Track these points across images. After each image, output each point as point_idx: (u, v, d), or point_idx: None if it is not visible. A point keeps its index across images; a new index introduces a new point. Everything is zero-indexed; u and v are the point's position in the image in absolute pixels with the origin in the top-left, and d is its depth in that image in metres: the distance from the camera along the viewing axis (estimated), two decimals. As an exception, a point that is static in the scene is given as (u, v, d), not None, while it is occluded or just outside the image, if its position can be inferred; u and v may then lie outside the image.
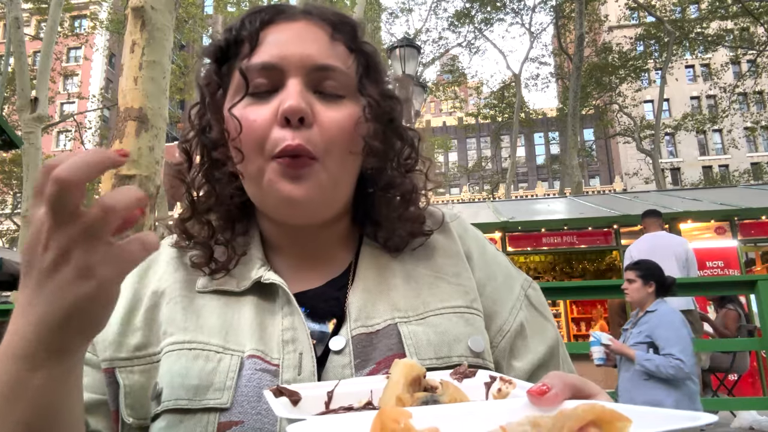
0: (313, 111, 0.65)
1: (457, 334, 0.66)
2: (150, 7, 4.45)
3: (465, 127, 35.34)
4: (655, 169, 21.92)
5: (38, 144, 10.71)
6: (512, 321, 0.71)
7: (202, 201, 0.73)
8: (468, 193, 43.23)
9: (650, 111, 34.38)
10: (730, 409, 5.29)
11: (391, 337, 0.65)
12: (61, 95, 33.93)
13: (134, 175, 4.36)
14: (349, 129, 0.67)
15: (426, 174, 0.77)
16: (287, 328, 0.65)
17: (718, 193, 10.83)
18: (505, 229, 8.94)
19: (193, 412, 0.60)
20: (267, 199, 0.67)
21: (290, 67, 0.66)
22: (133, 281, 0.72)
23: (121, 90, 4.50)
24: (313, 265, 0.74)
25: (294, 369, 0.62)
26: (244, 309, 0.68)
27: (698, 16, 23.91)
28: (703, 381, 5.42)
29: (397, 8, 28.79)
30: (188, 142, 0.73)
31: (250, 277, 0.69)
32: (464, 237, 0.78)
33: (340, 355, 0.64)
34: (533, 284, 0.78)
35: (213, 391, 0.61)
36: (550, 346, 0.72)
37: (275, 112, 0.65)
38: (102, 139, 26.01)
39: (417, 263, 0.73)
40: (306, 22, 0.69)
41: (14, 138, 8.12)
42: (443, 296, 0.69)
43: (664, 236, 5.34)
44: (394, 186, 0.73)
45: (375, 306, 0.68)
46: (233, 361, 0.63)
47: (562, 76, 27.12)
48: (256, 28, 0.68)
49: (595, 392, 0.42)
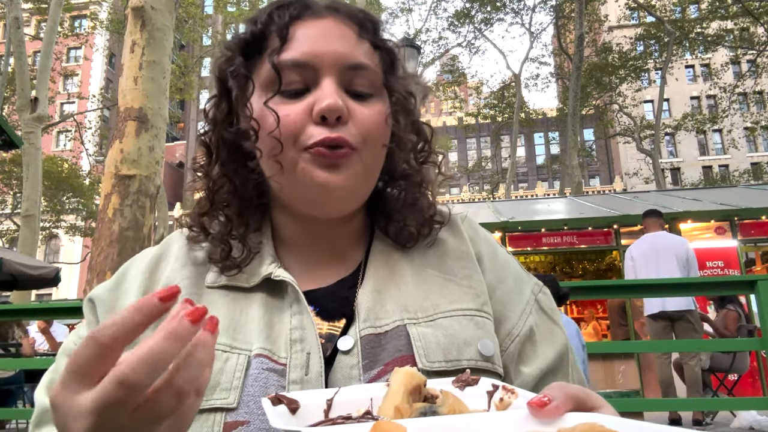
0: (348, 109, 0.66)
1: (467, 337, 0.65)
2: (150, 7, 4.45)
3: (465, 127, 35.27)
4: (655, 169, 21.91)
5: (38, 144, 10.71)
6: (522, 325, 0.71)
7: (220, 194, 0.72)
8: (468, 193, 43.22)
9: (650, 111, 34.37)
10: (730, 409, 5.29)
11: (400, 338, 0.64)
12: (61, 95, 33.93)
13: (134, 175, 4.36)
14: (381, 125, 0.68)
15: (439, 167, 0.78)
16: (295, 327, 0.65)
17: (718, 193, 10.82)
18: (505, 229, 8.93)
19: (200, 412, 0.59)
20: (299, 189, 0.67)
21: (323, 66, 0.66)
22: (143, 278, 0.72)
23: (121, 90, 4.50)
24: (324, 263, 0.73)
25: (301, 369, 0.62)
26: (252, 306, 0.67)
27: (698, 16, 23.89)
28: (703, 381, 5.42)
29: (397, 8, 28.80)
30: (207, 134, 0.73)
31: (260, 273, 0.69)
32: (475, 239, 0.77)
33: (348, 356, 0.63)
34: (544, 288, 0.77)
35: (220, 391, 0.60)
36: (559, 351, 0.71)
37: (308, 110, 0.65)
38: (102, 139, 26.01)
39: (427, 265, 0.72)
40: (333, 19, 0.69)
41: (14, 138, 8.12)
42: (453, 298, 0.69)
43: (664, 236, 5.34)
44: (406, 177, 0.74)
45: (384, 306, 0.67)
46: (240, 360, 0.62)
47: (562, 76, 27.11)
48: (286, 23, 0.68)
49: (599, 405, 0.41)
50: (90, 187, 25.31)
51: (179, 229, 0.77)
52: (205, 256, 0.72)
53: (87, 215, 25.59)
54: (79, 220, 26.82)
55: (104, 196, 4.36)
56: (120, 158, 4.34)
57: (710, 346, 5.34)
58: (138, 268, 0.73)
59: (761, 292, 2.84)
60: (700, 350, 5.32)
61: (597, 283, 4.40)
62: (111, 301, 0.71)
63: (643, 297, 4.99)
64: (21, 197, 12.26)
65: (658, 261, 5.18)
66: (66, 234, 27.09)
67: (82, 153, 27.66)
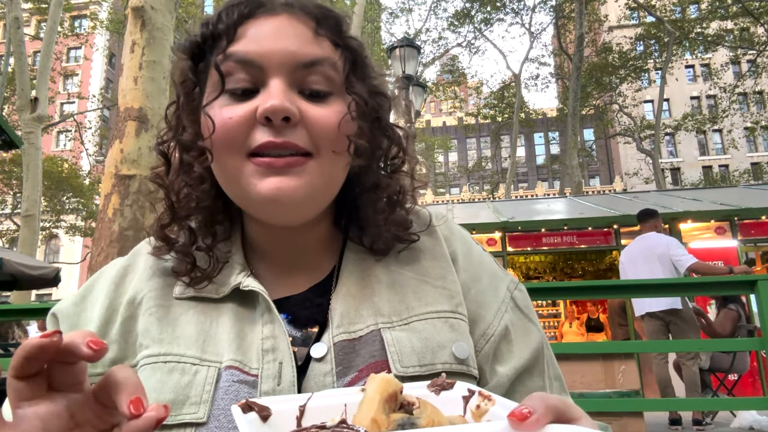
0: (299, 109, 0.62)
1: (441, 340, 0.64)
2: (150, 7, 4.45)
3: (465, 127, 35.29)
4: (655, 169, 21.91)
5: (38, 144, 10.71)
6: (497, 324, 0.69)
7: (181, 205, 0.68)
8: (468, 193, 43.24)
9: (650, 111, 34.37)
10: (730, 409, 5.29)
11: (374, 343, 0.63)
12: (61, 95, 33.92)
13: (134, 175, 4.36)
14: (339, 126, 0.63)
15: (411, 174, 0.74)
16: (267, 336, 0.63)
17: (718, 193, 10.83)
18: (505, 229, 8.93)
19: (169, 428, 0.58)
20: (248, 199, 0.63)
21: (271, 65, 0.62)
22: (109, 291, 0.69)
23: (121, 90, 4.50)
24: (295, 269, 0.71)
25: (273, 379, 0.60)
26: (222, 317, 0.65)
27: (698, 16, 23.90)
28: (703, 381, 5.42)
29: (397, 8, 28.82)
30: (165, 144, 0.69)
31: (230, 283, 0.67)
32: (450, 238, 0.75)
33: (322, 363, 0.62)
34: (519, 285, 0.75)
35: (189, 405, 0.59)
36: (535, 349, 0.70)
37: (254, 112, 0.61)
38: (102, 139, 26.01)
39: (402, 266, 0.70)
40: (288, 16, 0.65)
41: (14, 138, 8.12)
42: (428, 300, 0.67)
43: (650, 237, 5.31)
44: (380, 187, 0.70)
45: (358, 311, 0.65)
46: (210, 373, 0.61)
47: (562, 76, 27.12)
48: (234, 21, 0.64)
49: (577, 416, 0.40)
50: (90, 187, 25.32)
51: (147, 239, 0.74)
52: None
53: (87, 215, 25.58)
54: (79, 220, 26.82)
55: (104, 196, 4.36)
56: (120, 158, 4.34)
57: (710, 346, 5.33)
58: (105, 279, 0.71)
59: (761, 292, 2.84)
60: (701, 350, 5.32)
61: (597, 283, 4.40)
62: (75, 315, 0.69)
63: (643, 297, 4.98)
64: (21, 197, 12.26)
65: (642, 262, 5.19)
66: (66, 234, 27.08)
67: (82, 153, 27.65)
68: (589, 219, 9.02)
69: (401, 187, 0.72)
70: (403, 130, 0.73)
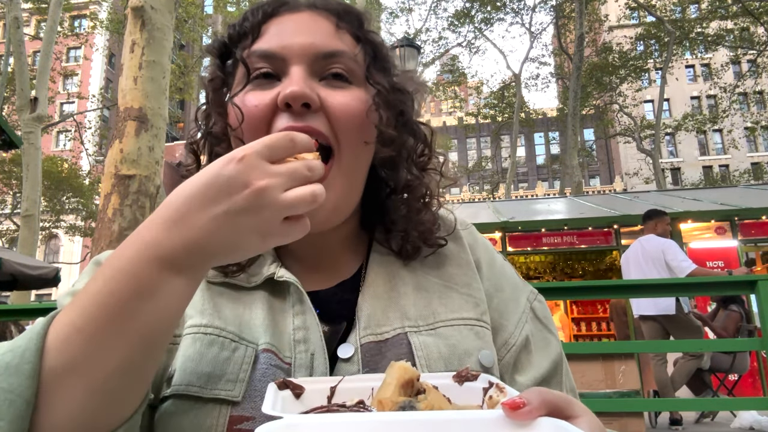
0: (319, 96, 0.63)
1: (468, 347, 0.64)
2: (150, 7, 4.44)
3: (465, 127, 35.23)
4: (656, 169, 21.90)
5: (38, 144, 10.70)
6: (518, 335, 0.70)
7: None
8: (468, 193, 43.21)
9: (650, 111, 34.36)
10: (730, 409, 5.28)
11: (400, 346, 0.63)
12: (61, 95, 33.91)
13: (134, 175, 4.36)
14: (360, 114, 0.64)
15: (441, 171, 0.74)
16: (299, 327, 0.63)
17: (719, 193, 10.82)
18: (505, 229, 8.93)
19: (204, 401, 0.58)
20: None
21: (293, 55, 0.64)
22: None
23: (121, 90, 4.50)
24: (322, 267, 0.72)
25: (306, 369, 0.61)
26: (255, 304, 0.66)
27: (698, 16, 23.88)
28: (703, 381, 5.42)
29: (397, 8, 28.77)
30: (196, 143, 0.71)
31: (262, 273, 0.68)
32: (474, 246, 0.76)
33: (349, 363, 0.62)
34: (539, 296, 0.76)
35: (225, 382, 0.59)
36: (554, 360, 0.70)
37: (276, 99, 0.63)
38: (102, 139, 25.99)
39: (427, 271, 0.71)
40: (310, 13, 0.68)
41: (14, 138, 8.12)
42: (454, 307, 0.68)
43: (646, 241, 5.29)
44: (409, 188, 0.71)
45: (385, 313, 0.66)
46: (248, 353, 0.61)
47: (562, 76, 27.11)
48: (259, 21, 0.67)
49: (578, 414, 0.40)
50: (90, 187, 25.30)
51: None
52: None
53: (87, 215, 25.57)
54: (78, 220, 26.80)
55: (104, 196, 4.35)
56: (120, 158, 4.33)
57: (710, 346, 5.33)
58: None
59: (761, 292, 2.84)
60: (701, 350, 5.31)
61: (597, 283, 4.39)
62: None
63: (643, 297, 4.98)
64: (21, 197, 12.25)
65: (635, 265, 5.19)
66: (66, 234, 27.06)
67: (82, 153, 27.64)
68: (589, 219, 9.02)
69: (429, 189, 0.73)
70: (428, 127, 0.74)
